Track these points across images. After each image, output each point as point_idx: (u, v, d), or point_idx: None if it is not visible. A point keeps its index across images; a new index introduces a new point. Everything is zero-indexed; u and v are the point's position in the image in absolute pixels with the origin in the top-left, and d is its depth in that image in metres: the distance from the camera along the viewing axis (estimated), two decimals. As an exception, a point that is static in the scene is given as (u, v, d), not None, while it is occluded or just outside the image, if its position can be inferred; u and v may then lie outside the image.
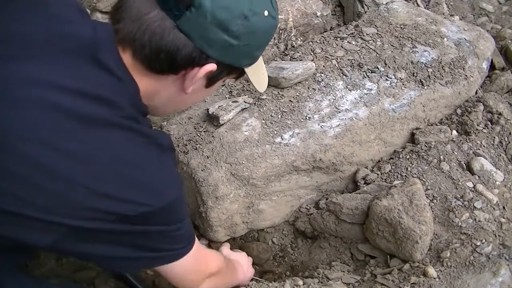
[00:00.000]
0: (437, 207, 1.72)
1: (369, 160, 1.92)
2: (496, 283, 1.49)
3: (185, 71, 1.02)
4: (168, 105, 1.14)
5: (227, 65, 1.04)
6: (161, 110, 1.17)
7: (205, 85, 1.09)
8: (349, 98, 1.90)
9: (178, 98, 1.10)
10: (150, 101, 1.08)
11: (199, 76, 1.02)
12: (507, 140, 1.93)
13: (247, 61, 1.08)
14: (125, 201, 0.95)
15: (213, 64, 1.01)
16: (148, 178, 0.98)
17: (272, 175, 1.76)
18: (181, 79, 1.04)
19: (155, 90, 1.06)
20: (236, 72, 1.11)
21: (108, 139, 0.95)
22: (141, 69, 1.01)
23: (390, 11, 2.24)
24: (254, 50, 1.07)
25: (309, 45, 2.10)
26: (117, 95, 0.97)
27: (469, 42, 2.15)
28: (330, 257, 1.76)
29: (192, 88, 1.06)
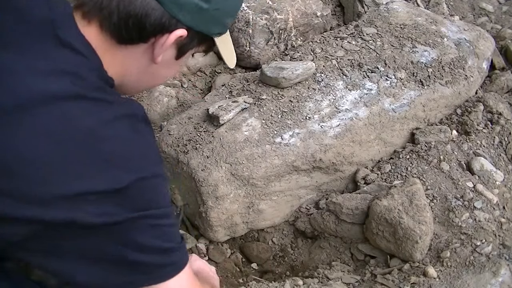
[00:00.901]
0: (437, 207, 1.72)
1: (369, 160, 1.92)
2: (496, 283, 1.49)
3: (155, 38, 0.99)
4: (140, 79, 1.09)
5: (197, 33, 1.01)
6: (133, 87, 1.12)
7: (175, 56, 1.05)
8: (349, 98, 1.90)
9: (148, 70, 1.06)
10: (121, 77, 1.04)
11: (169, 42, 0.99)
12: (507, 140, 1.93)
13: (217, 29, 1.05)
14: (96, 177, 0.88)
15: (183, 30, 0.98)
16: (121, 150, 0.92)
17: (272, 175, 1.76)
18: (150, 48, 1.01)
19: (125, 64, 1.03)
20: (206, 43, 1.07)
21: (71, 114, 0.89)
22: (110, 41, 0.98)
23: (390, 11, 2.24)
24: (224, 16, 1.04)
25: (309, 45, 2.10)
26: (79, 69, 0.93)
27: (469, 42, 2.15)
28: (330, 257, 1.76)
29: (162, 57, 1.02)
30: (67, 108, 0.88)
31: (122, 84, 1.07)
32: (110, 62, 1.00)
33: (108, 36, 0.98)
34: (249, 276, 1.79)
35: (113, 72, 1.01)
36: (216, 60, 2.47)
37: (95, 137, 0.89)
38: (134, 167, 0.92)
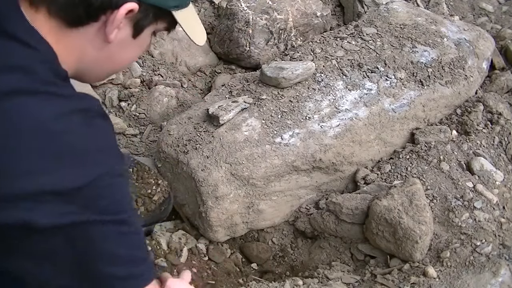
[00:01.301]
0: (437, 207, 1.72)
1: (369, 160, 1.92)
2: (496, 283, 1.49)
3: (105, 16, 0.92)
4: (97, 63, 1.01)
5: (151, 6, 0.94)
6: (93, 73, 1.05)
7: (132, 34, 0.98)
8: (349, 98, 1.90)
9: (104, 52, 0.99)
10: (78, 63, 0.98)
11: (119, 16, 0.91)
12: (507, 140, 1.93)
13: (173, 2, 0.97)
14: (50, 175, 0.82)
15: (133, 3, 0.91)
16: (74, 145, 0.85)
17: (272, 175, 1.76)
18: (103, 27, 0.94)
19: (79, 47, 0.96)
20: (164, 18, 1.00)
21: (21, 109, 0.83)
22: (60, 26, 0.92)
23: (390, 11, 2.24)
24: None
25: (309, 45, 2.10)
26: (29, 62, 0.88)
27: (469, 42, 2.15)
28: (330, 257, 1.76)
29: (116, 36, 0.95)
30: (17, 103, 0.84)
31: (81, 71, 1.01)
32: (64, 49, 0.94)
33: (57, 21, 0.92)
34: (249, 276, 1.79)
35: (69, 59, 0.96)
36: (216, 60, 2.47)
37: (47, 132, 0.83)
38: (89, 163, 0.85)
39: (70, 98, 0.90)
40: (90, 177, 0.84)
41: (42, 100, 0.86)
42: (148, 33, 1.01)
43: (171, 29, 1.04)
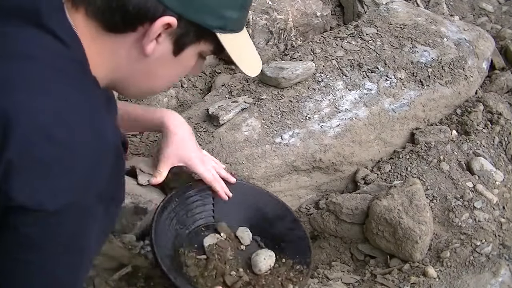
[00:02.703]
0: (437, 207, 1.72)
1: (369, 160, 1.92)
2: (496, 283, 1.49)
3: (143, 27, 0.89)
4: (134, 77, 0.98)
5: (191, 23, 0.90)
6: (130, 88, 1.02)
7: (172, 51, 0.94)
8: (349, 98, 1.90)
9: (141, 66, 0.96)
10: (113, 73, 0.96)
11: (155, 29, 0.88)
12: (507, 140, 1.93)
13: (215, 22, 0.92)
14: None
15: (171, 17, 0.88)
16: (60, 160, 0.81)
17: (272, 175, 1.76)
18: (141, 39, 0.91)
19: (115, 56, 0.94)
20: (208, 39, 0.95)
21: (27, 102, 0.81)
22: (96, 29, 0.91)
23: (390, 11, 2.24)
24: (222, 7, 0.92)
25: (309, 45, 2.10)
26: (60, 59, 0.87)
27: (469, 42, 2.15)
28: (330, 257, 1.75)
29: (153, 50, 0.92)
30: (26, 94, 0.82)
31: (115, 82, 0.99)
32: (99, 53, 0.92)
33: (94, 23, 0.90)
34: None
35: (102, 66, 0.94)
36: (216, 60, 2.47)
37: (47, 138, 0.81)
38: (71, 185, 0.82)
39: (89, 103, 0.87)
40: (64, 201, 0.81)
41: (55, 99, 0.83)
42: (192, 53, 0.97)
43: (218, 54, 1.00)
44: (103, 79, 0.95)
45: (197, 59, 1.01)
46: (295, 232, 1.56)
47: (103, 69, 0.94)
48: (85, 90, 0.87)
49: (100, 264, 1.61)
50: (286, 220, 1.58)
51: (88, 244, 0.88)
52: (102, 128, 0.84)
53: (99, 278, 1.58)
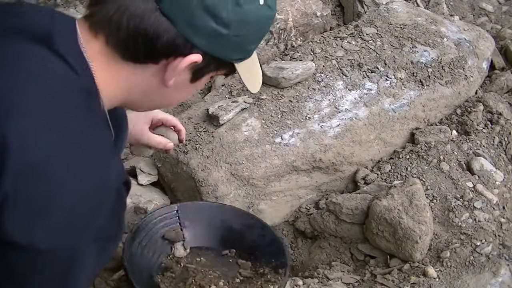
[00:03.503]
0: (437, 207, 1.72)
1: (369, 160, 1.92)
2: (496, 283, 1.49)
3: (167, 60, 0.90)
4: (150, 100, 1.01)
5: (214, 58, 0.92)
6: (143, 106, 1.04)
7: (190, 80, 0.96)
8: (349, 98, 1.90)
9: (159, 92, 0.98)
10: (129, 95, 0.96)
11: (181, 67, 0.90)
12: (507, 140, 1.93)
13: (238, 55, 0.95)
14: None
15: (198, 55, 0.89)
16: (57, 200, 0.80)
17: (272, 175, 1.76)
18: (162, 70, 0.92)
19: (132, 83, 0.94)
20: (225, 68, 0.98)
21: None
22: (116, 57, 0.90)
23: (390, 11, 2.24)
24: (246, 43, 0.95)
25: (309, 45, 2.10)
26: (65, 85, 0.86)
27: (469, 42, 2.15)
28: (330, 257, 1.75)
29: (174, 81, 0.93)
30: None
31: (128, 102, 1.00)
32: (114, 78, 0.92)
33: (113, 52, 0.90)
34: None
35: (118, 90, 0.94)
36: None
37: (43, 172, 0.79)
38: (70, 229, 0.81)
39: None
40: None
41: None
42: (207, 78, 0.99)
43: (229, 75, 1.03)
44: (116, 101, 0.96)
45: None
46: (266, 237, 1.57)
47: (117, 92, 0.94)
48: (93, 129, 0.85)
49: (100, 264, 1.61)
50: (256, 228, 1.60)
51: (77, 281, 0.87)
52: (105, 171, 0.83)
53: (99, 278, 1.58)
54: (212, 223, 1.60)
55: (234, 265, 1.55)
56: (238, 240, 1.59)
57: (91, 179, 0.80)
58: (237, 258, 1.57)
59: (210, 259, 1.55)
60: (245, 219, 1.62)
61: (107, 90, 0.92)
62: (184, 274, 1.49)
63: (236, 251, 1.58)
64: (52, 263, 0.81)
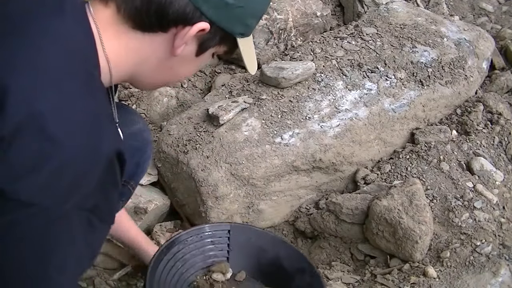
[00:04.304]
0: (437, 207, 1.72)
1: (369, 160, 1.92)
2: (496, 283, 1.49)
3: (176, 29, 0.95)
4: (156, 71, 1.03)
5: (219, 29, 0.98)
6: (148, 80, 1.07)
7: (195, 52, 1.01)
8: (349, 98, 1.90)
9: (166, 63, 1.01)
10: (136, 67, 1.00)
11: (191, 33, 0.94)
12: (507, 140, 1.93)
13: (240, 29, 1.00)
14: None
15: (205, 23, 0.94)
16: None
17: (272, 175, 1.76)
18: (170, 39, 0.97)
19: (142, 53, 0.98)
20: (228, 43, 1.02)
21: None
22: (124, 26, 0.94)
23: (390, 11, 2.24)
24: (248, 16, 1.00)
25: (309, 45, 2.10)
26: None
27: (469, 42, 2.15)
28: (330, 257, 1.75)
29: (181, 50, 0.97)
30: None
31: (136, 76, 1.03)
32: (124, 49, 0.96)
33: (123, 21, 0.94)
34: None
35: (127, 60, 0.97)
36: (216, 60, 2.47)
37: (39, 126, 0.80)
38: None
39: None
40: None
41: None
42: (210, 53, 1.04)
43: (229, 54, 1.08)
44: (123, 72, 0.99)
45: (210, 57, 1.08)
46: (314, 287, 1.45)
47: (126, 63, 0.98)
48: (91, 94, 0.87)
49: (100, 264, 1.62)
50: (306, 274, 1.47)
51: (63, 258, 0.83)
52: (99, 137, 0.83)
53: (99, 278, 1.58)
54: (264, 255, 1.49)
55: None
56: (285, 280, 1.47)
57: (83, 139, 0.81)
58: None
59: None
60: (298, 262, 1.50)
61: (116, 60, 0.95)
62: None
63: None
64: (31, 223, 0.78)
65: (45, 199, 0.78)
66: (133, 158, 1.34)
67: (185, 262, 1.42)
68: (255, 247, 1.50)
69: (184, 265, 1.42)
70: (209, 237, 1.48)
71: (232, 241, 1.48)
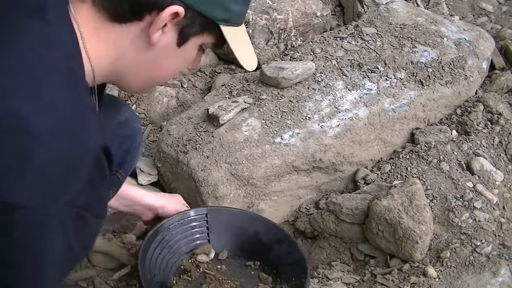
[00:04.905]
0: (437, 207, 1.72)
1: (369, 160, 1.92)
2: (496, 283, 1.49)
3: (150, 16, 0.92)
4: (138, 67, 1.00)
5: (197, 14, 0.93)
6: (132, 79, 1.03)
7: (176, 42, 0.96)
8: (349, 98, 1.90)
9: (147, 56, 0.97)
10: (116, 63, 0.97)
11: (164, 17, 0.90)
12: (507, 140, 1.93)
13: (221, 13, 0.95)
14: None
15: (179, 6, 0.90)
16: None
17: (272, 175, 1.76)
18: (147, 28, 0.93)
19: (120, 45, 0.95)
20: (212, 31, 0.97)
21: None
22: (103, 19, 0.92)
23: (390, 11, 2.24)
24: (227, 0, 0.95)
25: (309, 45, 2.10)
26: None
27: (469, 42, 2.15)
28: (330, 257, 1.75)
29: (158, 37, 0.93)
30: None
31: (118, 73, 1.00)
32: (104, 43, 0.93)
33: (99, 13, 0.92)
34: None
35: (107, 55, 0.95)
36: (216, 60, 2.47)
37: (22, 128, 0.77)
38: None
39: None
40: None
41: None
42: (194, 45, 0.99)
43: (219, 47, 1.02)
44: (105, 70, 0.96)
45: (198, 51, 1.03)
46: (292, 255, 1.53)
47: (106, 59, 0.95)
48: (74, 90, 0.83)
49: (100, 264, 1.61)
50: (284, 243, 1.55)
51: (52, 259, 0.82)
52: (85, 133, 0.80)
53: (99, 278, 1.58)
54: (242, 232, 1.55)
55: (255, 278, 1.50)
56: (265, 253, 1.53)
57: (68, 137, 0.77)
58: (259, 271, 1.52)
59: (232, 268, 1.50)
60: (276, 234, 1.56)
61: (97, 57, 0.93)
62: (200, 279, 1.44)
63: (260, 263, 1.53)
64: (21, 224, 0.75)
65: (33, 199, 0.75)
66: (122, 146, 1.35)
67: (171, 248, 1.47)
68: (233, 227, 1.55)
69: (170, 251, 1.46)
70: (189, 222, 1.52)
71: (211, 223, 1.53)
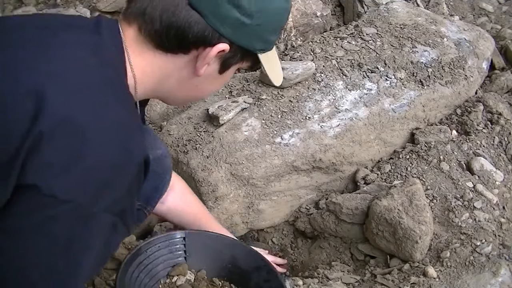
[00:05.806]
0: (437, 207, 1.72)
1: (369, 160, 1.92)
2: (496, 283, 1.49)
3: (197, 51, 1.00)
4: (181, 90, 1.09)
5: (240, 47, 1.03)
6: (175, 98, 1.13)
7: (218, 70, 1.06)
8: (349, 98, 1.90)
9: (191, 82, 1.07)
10: (159, 85, 1.05)
11: (211, 55, 0.99)
12: (507, 140, 1.93)
13: (260, 45, 1.06)
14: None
15: (225, 44, 0.99)
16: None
17: (272, 175, 1.76)
18: (193, 61, 1.02)
19: (165, 71, 1.03)
20: (250, 58, 1.08)
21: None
22: (147, 45, 1.00)
23: (390, 11, 2.24)
24: (266, 33, 1.05)
25: (309, 45, 2.10)
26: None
27: (469, 42, 2.15)
28: (330, 257, 1.76)
29: (204, 70, 1.03)
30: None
31: (160, 93, 1.08)
32: (149, 65, 1.01)
33: (146, 40, 0.99)
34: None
35: (151, 77, 1.02)
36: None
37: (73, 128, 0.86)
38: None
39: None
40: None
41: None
42: (233, 70, 1.09)
43: (253, 68, 1.14)
44: (148, 89, 1.05)
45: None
46: (271, 283, 1.49)
47: (150, 79, 1.03)
48: (124, 103, 0.93)
49: (100, 264, 1.61)
50: (262, 271, 1.52)
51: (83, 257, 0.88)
52: (132, 143, 0.89)
53: (99, 278, 1.58)
54: (220, 257, 1.53)
55: None
56: (243, 280, 1.51)
57: (117, 145, 0.86)
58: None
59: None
60: (254, 260, 1.53)
61: (142, 76, 1.01)
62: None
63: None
64: (65, 217, 0.83)
65: (80, 196, 0.83)
66: (151, 182, 1.35)
67: (148, 272, 1.44)
68: (211, 250, 1.53)
69: (147, 275, 1.44)
70: (166, 246, 1.49)
71: (188, 247, 1.50)
